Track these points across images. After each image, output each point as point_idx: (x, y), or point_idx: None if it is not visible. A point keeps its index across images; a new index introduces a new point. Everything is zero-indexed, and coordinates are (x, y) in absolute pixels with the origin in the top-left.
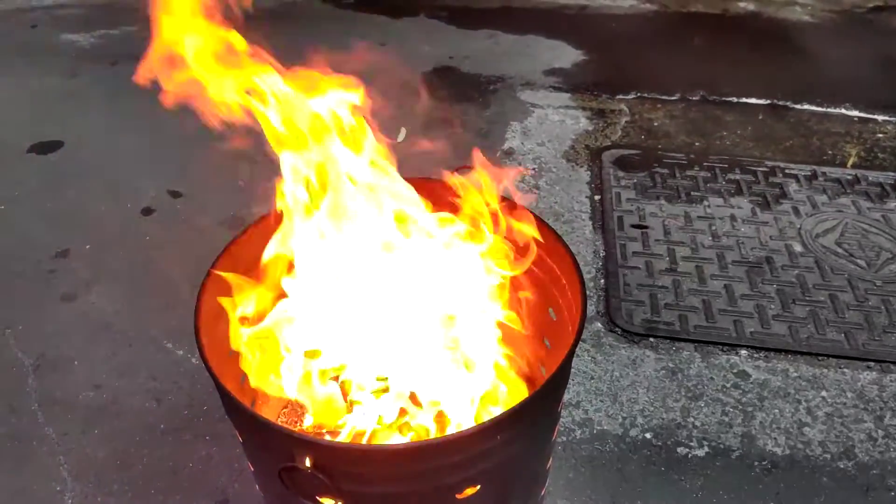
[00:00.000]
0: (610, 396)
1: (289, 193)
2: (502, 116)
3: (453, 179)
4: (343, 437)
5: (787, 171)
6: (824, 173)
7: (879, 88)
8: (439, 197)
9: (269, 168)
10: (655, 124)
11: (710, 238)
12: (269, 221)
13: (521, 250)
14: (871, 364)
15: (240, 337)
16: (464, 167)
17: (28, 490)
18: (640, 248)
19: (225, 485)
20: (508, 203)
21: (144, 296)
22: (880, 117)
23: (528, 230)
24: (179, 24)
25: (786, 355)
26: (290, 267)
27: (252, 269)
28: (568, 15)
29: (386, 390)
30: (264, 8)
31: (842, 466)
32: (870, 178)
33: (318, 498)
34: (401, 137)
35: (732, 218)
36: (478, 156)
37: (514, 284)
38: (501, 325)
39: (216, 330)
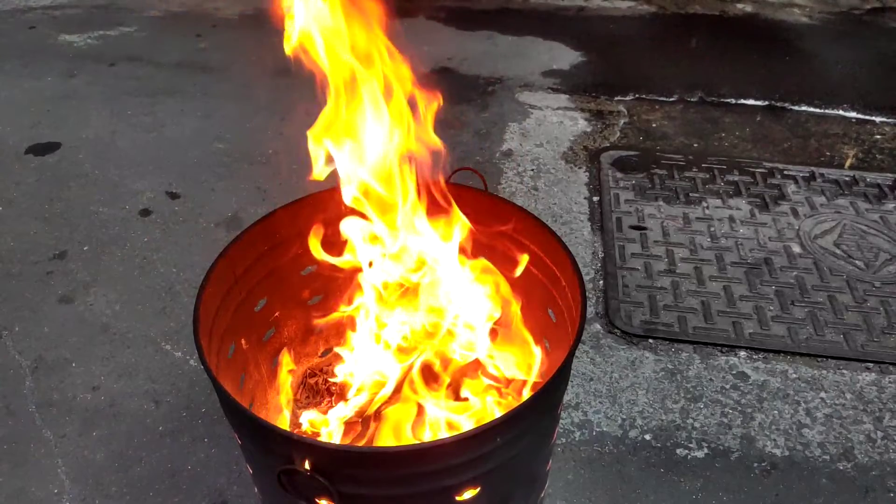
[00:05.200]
0: (609, 398)
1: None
2: (501, 117)
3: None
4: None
5: (785, 172)
6: (822, 175)
7: (877, 90)
8: (437, 205)
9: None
10: (654, 126)
11: (709, 239)
12: (267, 222)
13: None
14: (870, 365)
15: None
16: (462, 169)
17: (26, 492)
18: (638, 250)
19: (223, 487)
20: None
21: (142, 297)
22: (878, 119)
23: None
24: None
25: (785, 356)
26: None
27: (250, 272)
28: (566, 16)
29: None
30: (264, 8)
31: (841, 468)
32: (868, 180)
33: (316, 500)
34: None
35: (731, 219)
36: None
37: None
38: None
39: (215, 331)
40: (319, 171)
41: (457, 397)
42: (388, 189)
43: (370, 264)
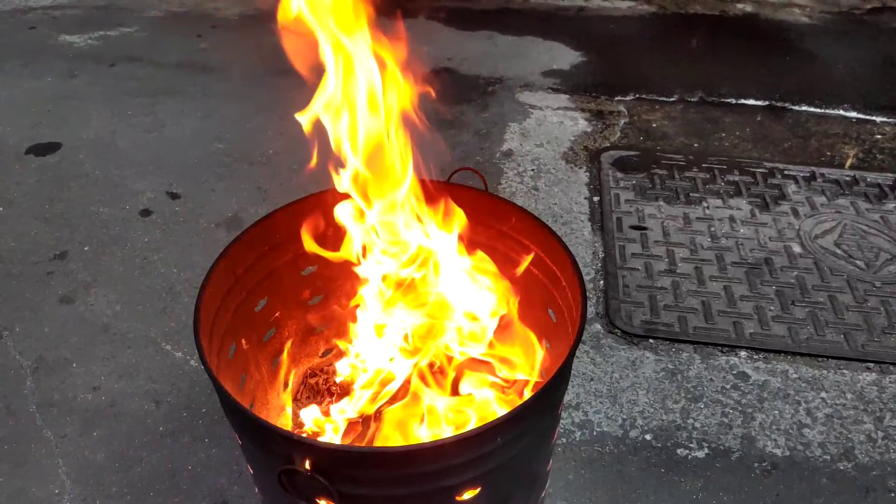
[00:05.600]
0: (609, 398)
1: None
2: (501, 118)
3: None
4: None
5: (785, 172)
6: (823, 174)
7: (877, 89)
8: (433, 198)
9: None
10: (654, 126)
11: (709, 239)
12: (268, 223)
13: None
14: (871, 365)
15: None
16: (462, 169)
17: (26, 492)
18: (639, 250)
19: (224, 487)
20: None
21: (143, 298)
22: (878, 118)
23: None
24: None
25: (785, 356)
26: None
27: (250, 272)
28: (566, 16)
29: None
30: (265, 9)
31: (842, 468)
32: (868, 179)
33: (316, 500)
34: None
35: (731, 219)
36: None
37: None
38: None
39: (215, 332)
40: (316, 159)
41: (456, 394)
42: (385, 177)
43: (363, 250)
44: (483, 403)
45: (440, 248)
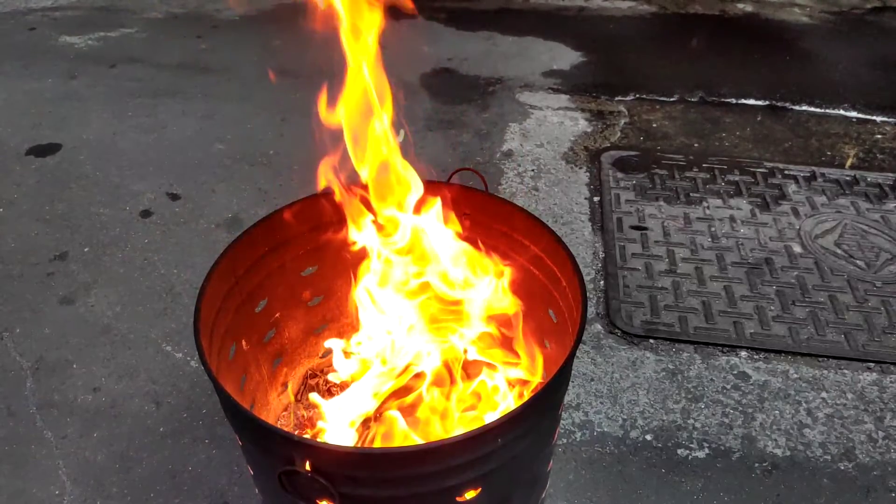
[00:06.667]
0: (610, 398)
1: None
2: (501, 118)
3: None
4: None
5: (786, 172)
6: (823, 174)
7: (878, 89)
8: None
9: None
10: (654, 126)
11: (710, 239)
12: (268, 223)
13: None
14: (871, 365)
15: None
16: (462, 169)
17: (27, 493)
18: (639, 250)
19: (224, 488)
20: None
21: (143, 298)
22: (878, 118)
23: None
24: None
25: (786, 356)
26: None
27: (251, 272)
28: (566, 16)
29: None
30: (266, 9)
31: (842, 468)
32: (868, 179)
33: (317, 501)
34: (400, 138)
35: (732, 219)
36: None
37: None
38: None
39: (215, 332)
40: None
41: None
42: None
43: (355, 227)
44: (495, 391)
45: (441, 240)
